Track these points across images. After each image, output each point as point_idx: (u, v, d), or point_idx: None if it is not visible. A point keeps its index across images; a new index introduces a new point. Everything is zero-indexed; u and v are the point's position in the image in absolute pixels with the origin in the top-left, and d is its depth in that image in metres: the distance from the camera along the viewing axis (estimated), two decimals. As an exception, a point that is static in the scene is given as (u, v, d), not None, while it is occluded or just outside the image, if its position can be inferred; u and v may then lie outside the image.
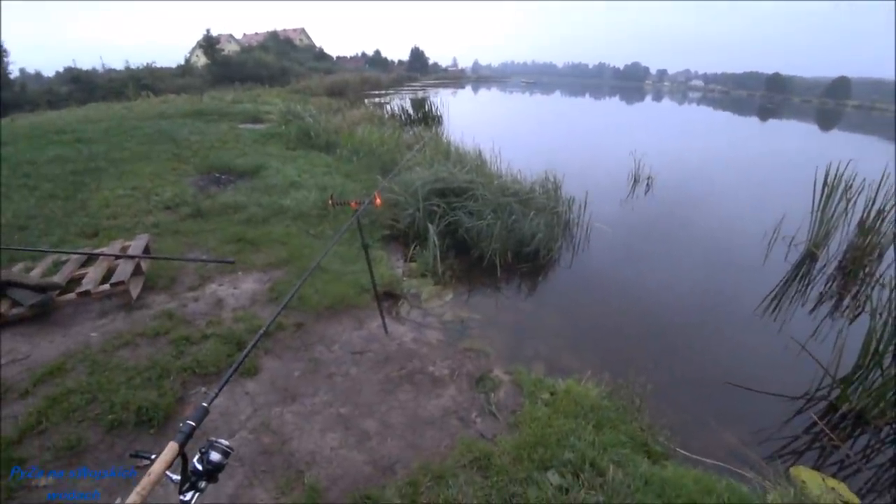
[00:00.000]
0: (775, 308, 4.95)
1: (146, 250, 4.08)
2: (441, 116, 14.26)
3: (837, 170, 6.08)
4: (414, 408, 2.81)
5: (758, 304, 4.98)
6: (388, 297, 4.19)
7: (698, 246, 6.76)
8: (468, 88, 51.10)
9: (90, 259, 3.91)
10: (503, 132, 14.04)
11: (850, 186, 6.01)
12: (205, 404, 1.02)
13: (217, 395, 1.16)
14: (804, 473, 2.76)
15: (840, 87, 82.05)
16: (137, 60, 30.23)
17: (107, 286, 3.47)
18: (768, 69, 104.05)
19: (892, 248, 5.85)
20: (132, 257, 3.71)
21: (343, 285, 4.02)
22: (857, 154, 7.12)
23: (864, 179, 6.02)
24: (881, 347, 3.25)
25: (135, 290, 3.64)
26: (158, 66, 28.84)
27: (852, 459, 2.99)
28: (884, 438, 3.20)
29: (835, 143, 23.31)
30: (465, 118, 18.09)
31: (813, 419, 3.29)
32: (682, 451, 2.79)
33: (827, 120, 39.50)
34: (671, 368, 3.85)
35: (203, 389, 2.74)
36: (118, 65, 28.58)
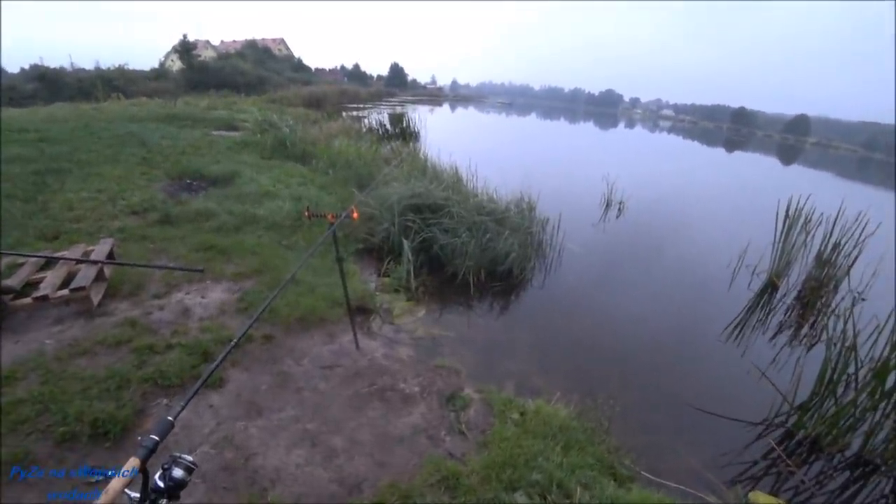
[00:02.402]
0: (738, 334, 5.15)
1: (110, 255, 3.94)
2: (419, 132, 14.36)
3: (798, 203, 6.39)
4: (383, 425, 2.78)
5: (722, 330, 5.17)
6: (360, 312, 4.16)
7: (667, 271, 6.98)
8: (446, 106, 51.74)
9: (49, 263, 3.75)
10: (480, 151, 14.23)
11: (810, 220, 6.32)
12: (170, 418, 0.99)
13: (183, 408, 1.13)
14: (762, 498, 2.86)
15: (800, 125, 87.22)
16: (109, 61, 29.45)
17: (66, 291, 3.32)
18: (734, 103, 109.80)
19: (846, 280, 6.17)
20: (95, 262, 3.56)
21: (315, 298, 3.97)
22: (815, 189, 7.54)
23: (822, 213, 6.32)
24: (835, 377, 3.42)
25: (96, 297, 3.50)
26: (131, 67, 28.19)
27: (807, 485, 3.11)
28: (836, 465, 3.34)
29: (796, 177, 24.71)
30: (443, 135, 18.28)
31: (771, 445, 3.41)
32: (647, 475, 2.85)
33: (788, 155, 41.84)
34: (638, 390, 3.94)
35: (165, 402, 2.65)
36: (88, 64, 27.80)
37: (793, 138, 79.40)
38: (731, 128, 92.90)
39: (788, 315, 5.80)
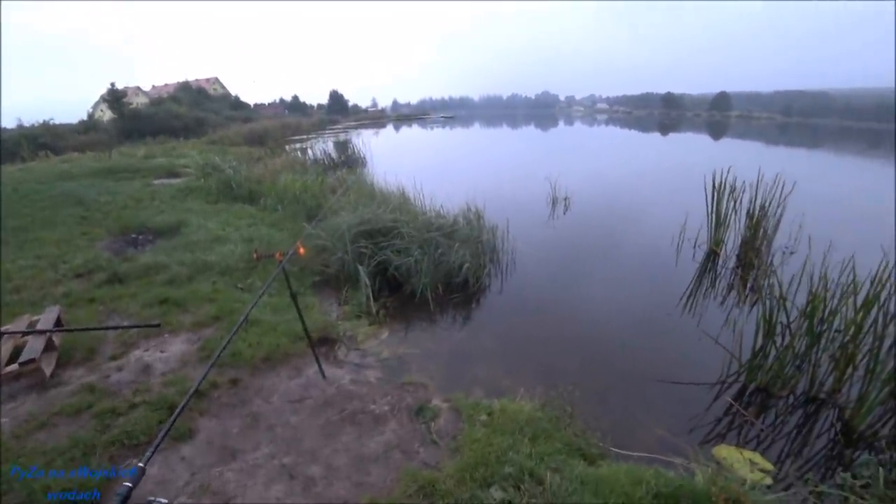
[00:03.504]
0: (691, 305, 5.50)
1: (58, 323, 3.85)
2: (364, 157, 14.50)
3: (723, 175, 6.88)
4: (357, 448, 2.88)
5: (676, 303, 5.51)
6: (324, 343, 4.22)
7: (616, 257, 7.33)
8: (390, 127, 52.06)
9: (-8, 339, 3.63)
10: (425, 168, 14.53)
11: (735, 189, 6.82)
12: (140, 464, 1.07)
13: (153, 453, 1.22)
14: (725, 451, 3.11)
15: (722, 101, 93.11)
16: (32, 118, 28.04)
17: (15, 366, 3.25)
18: (661, 89, 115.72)
19: (776, 238, 6.75)
20: (42, 332, 3.49)
21: (277, 335, 4.02)
22: (743, 157, 8.14)
23: (745, 182, 6.84)
24: (774, 328, 3.73)
25: (48, 367, 3.43)
26: (57, 122, 26.97)
27: (765, 432, 3.40)
28: (789, 407, 3.67)
29: (725, 149, 26.37)
30: (388, 157, 18.48)
31: (729, 401, 3.69)
32: (616, 450, 3.01)
33: (717, 130, 44.49)
34: (602, 374, 4.15)
35: (135, 461, 2.64)
36: (9, 123, 26.41)
37: (718, 114, 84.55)
38: (662, 112, 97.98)
39: (732, 278, 6.24)
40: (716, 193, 6.89)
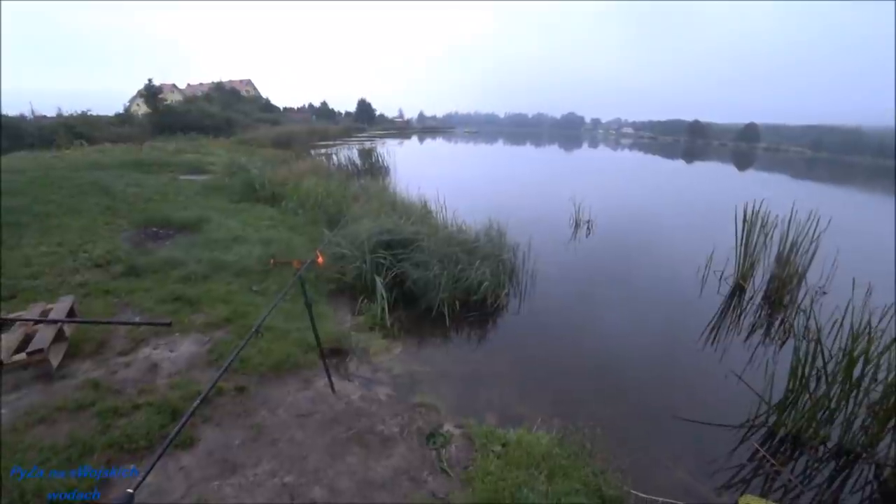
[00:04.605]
0: (714, 339, 5.29)
1: (71, 313, 3.80)
2: (388, 167, 14.53)
3: (754, 207, 6.66)
4: (363, 471, 2.72)
5: (698, 337, 5.30)
6: (335, 354, 4.11)
7: (639, 284, 7.13)
8: (414, 139, 52.54)
9: (4, 325, 3.59)
10: (449, 181, 14.48)
11: (766, 223, 6.58)
12: (130, 490, 0.98)
13: (144, 478, 1.11)
14: (753, 502, 2.87)
15: (750, 132, 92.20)
16: (71, 107, 28.87)
17: (23, 355, 3.19)
18: (688, 116, 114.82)
19: (807, 276, 6.40)
20: (54, 322, 3.44)
21: (288, 344, 3.91)
22: (770, 191, 7.92)
23: (777, 216, 6.59)
24: (806, 371, 3.50)
25: (55, 359, 3.36)
26: (94, 113, 27.75)
27: (794, 483, 3.17)
28: (819, 458, 3.42)
29: (752, 181, 25.90)
30: (412, 168, 18.54)
31: (755, 446, 3.46)
32: (636, 493, 2.83)
33: (743, 161, 43.94)
34: (620, 406, 3.96)
35: (133, 467, 2.53)
36: (49, 111, 27.26)
37: (745, 145, 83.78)
38: (687, 140, 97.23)
39: (758, 315, 6.00)
40: (746, 225, 6.65)
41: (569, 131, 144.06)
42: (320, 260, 2.79)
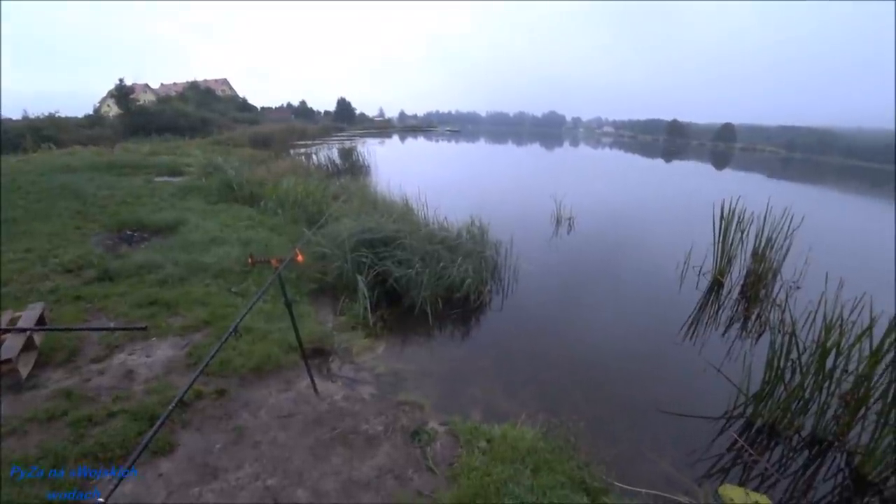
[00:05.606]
0: (693, 333, 5.40)
1: (41, 321, 3.68)
2: (368, 166, 14.44)
3: (731, 205, 6.81)
4: (347, 471, 2.70)
5: (678, 331, 5.40)
6: (317, 354, 4.06)
7: (619, 280, 7.23)
8: (395, 138, 52.23)
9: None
10: (430, 179, 14.46)
11: (742, 220, 6.73)
12: (101, 500, 0.95)
13: (116, 486, 1.08)
14: (731, 491, 2.95)
15: (727, 132, 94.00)
16: (37, 109, 27.95)
17: (-11, 366, 3.08)
18: (667, 116, 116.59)
19: (781, 271, 6.65)
20: (22, 330, 3.32)
21: (269, 345, 3.85)
22: (746, 189, 8.12)
23: (753, 213, 6.74)
24: (781, 363, 3.59)
25: (25, 369, 3.25)
26: (62, 115, 26.88)
27: (770, 471, 3.26)
28: (795, 447, 3.53)
29: (729, 179, 26.45)
30: (393, 166, 18.45)
31: (734, 437, 3.55)
32: (620, 484, 2.87)
33: (720, 160, 44.80)
34: (603, 400, 4.02)
35: (108, 477, 2.46)
36: (15, 114, 26.33)
37: (723, 145, 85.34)
38: (666, 139, 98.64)
39: (736, 309, 6.14)
40: (723, 222, 6.80)
41: (550, 130, 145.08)
42: (300, 258, 2.75)
